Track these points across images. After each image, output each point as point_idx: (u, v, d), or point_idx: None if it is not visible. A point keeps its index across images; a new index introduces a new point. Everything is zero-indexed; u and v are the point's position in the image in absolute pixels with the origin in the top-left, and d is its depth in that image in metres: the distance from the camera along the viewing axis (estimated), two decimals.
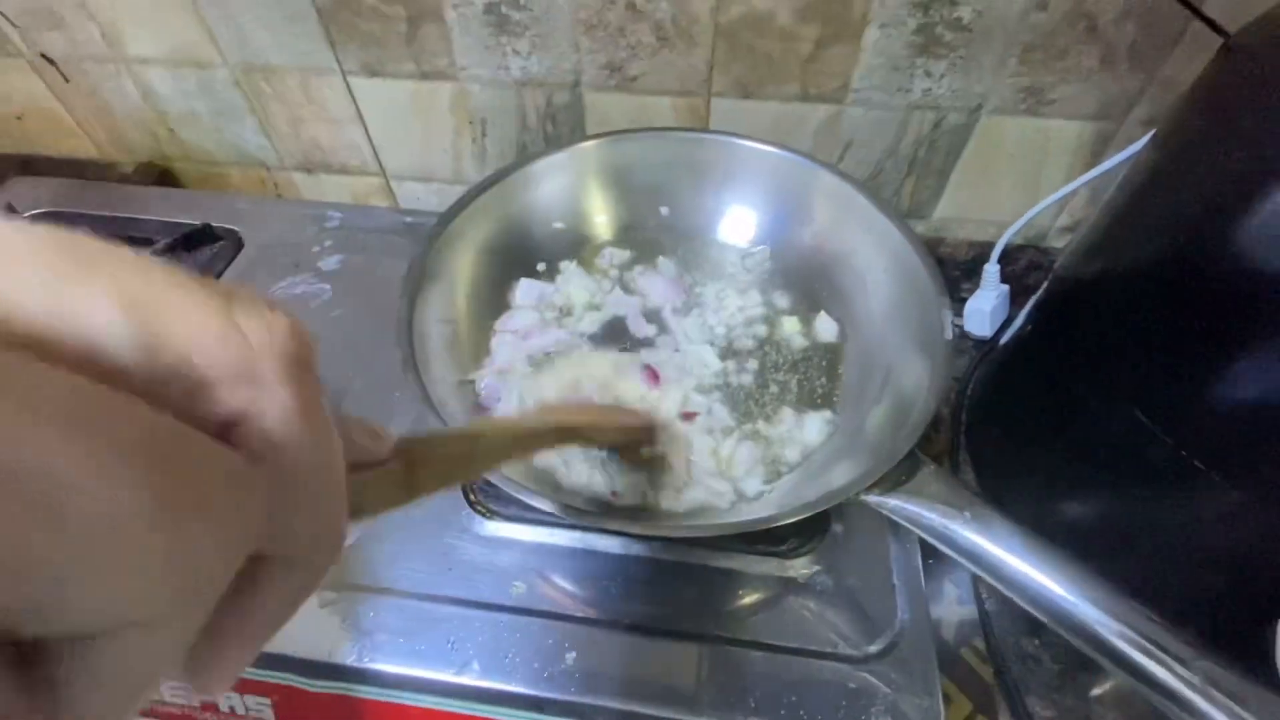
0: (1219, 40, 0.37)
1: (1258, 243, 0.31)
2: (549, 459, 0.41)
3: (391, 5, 0.54)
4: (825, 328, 0.46)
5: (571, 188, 0.50)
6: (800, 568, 0.40)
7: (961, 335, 0.62)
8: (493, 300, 0.47)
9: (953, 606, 0.47)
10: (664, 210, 0.52)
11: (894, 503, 0.31)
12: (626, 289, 0.50)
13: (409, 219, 0.62)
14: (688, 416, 0.42)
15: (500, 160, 0.65)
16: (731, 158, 0.49)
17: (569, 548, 0.41)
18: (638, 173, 0.50)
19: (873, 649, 0.37)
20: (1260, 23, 0.35)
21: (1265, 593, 0.39)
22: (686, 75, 0.55)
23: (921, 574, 0.40)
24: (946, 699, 0.42)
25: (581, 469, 0.40)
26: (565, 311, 0.48)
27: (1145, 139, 0.41)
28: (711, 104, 0.57)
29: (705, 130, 0.55)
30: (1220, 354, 0.33)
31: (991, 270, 0.59)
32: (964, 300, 0.62)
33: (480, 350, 0.44)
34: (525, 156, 0.47)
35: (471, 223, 0.44)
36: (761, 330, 0.47)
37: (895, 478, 0.31)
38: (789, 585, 0.39)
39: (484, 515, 0.42)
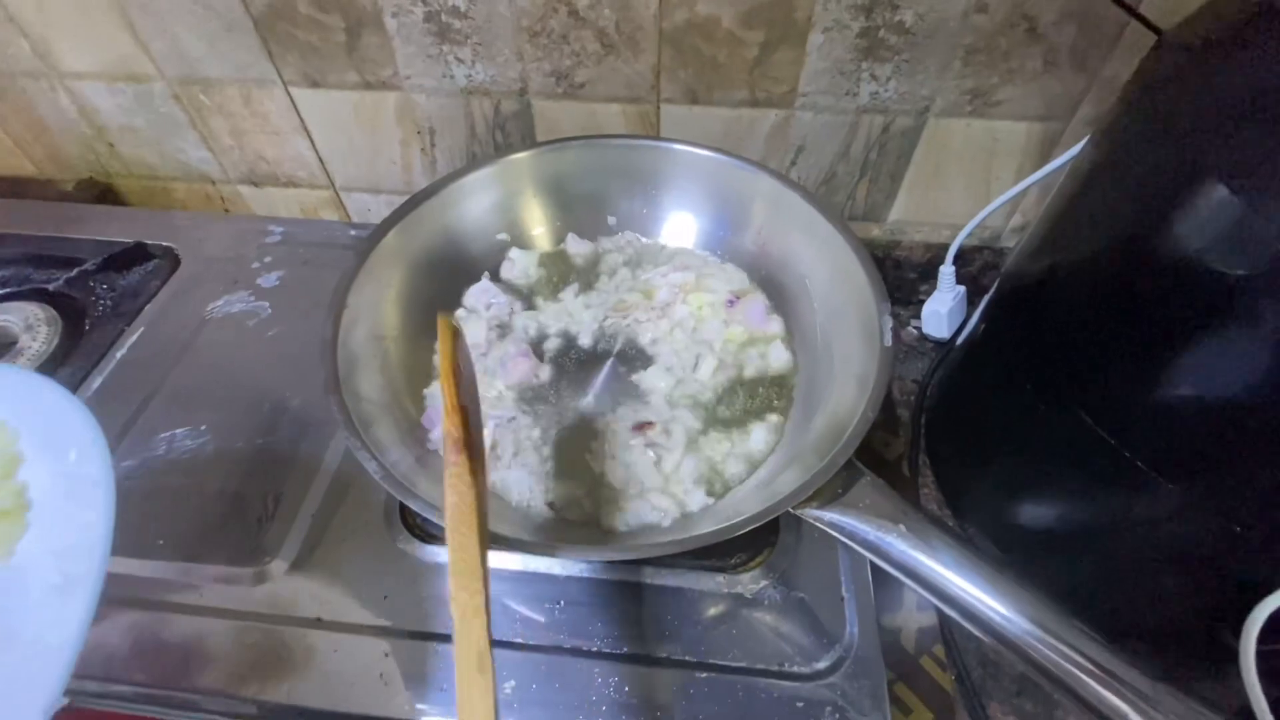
0: (1154, 39, 0.37)
1: (1190, 242, 0.31)
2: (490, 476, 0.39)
3: (329, 14, 0.53)
4: (777, 354, 0.45)
5: (511, 199, 0.49)
6: (749, 583, 0.39)
7: (920, 337, 0.62)
8: (432, 317, 0.45)
9: (912, 614, 0.46)
10: (611, 219, 0.51)
11: (830, 516, 0.30)
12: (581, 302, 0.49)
13: (354, 231, 0.60)
14: (642, 427, 0.41)
15: (450, 169, 0.63)
16: (670, 164, 0.48)
17: (511, 570, 0.39)
18: (578, 182, 0.49)
19: (821, 664, 0.36)
20: (1192, 20, 0.35)
21: (1213, 590, 0.39)
22: (634, 82, 0.54)
23: (871, 584, 0.39)
24: (907, 709, 0.42)
25: (521, 483, 0.39)
26: (507, 329, 0.46)
27: (1087, 139, 0.41)
28: (661, 110, 0.56)
29: (639, 136, 0.54)
30: (1156, 355, 0.33)
31: (947, 272, 0.59)
32: (921, 303, 0.61)
33: (415, 368, 0.43)
34: (456, 171, 0.46)
35: (406, 238, 0.43)
36: (717, 344, 0.46)
37: (832, 490, 0.31)
38: (738, 601, 0.38)
39: (422, 539, 0.40)
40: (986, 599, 0.26)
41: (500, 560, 0.40)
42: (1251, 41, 0.30)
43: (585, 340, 0.46)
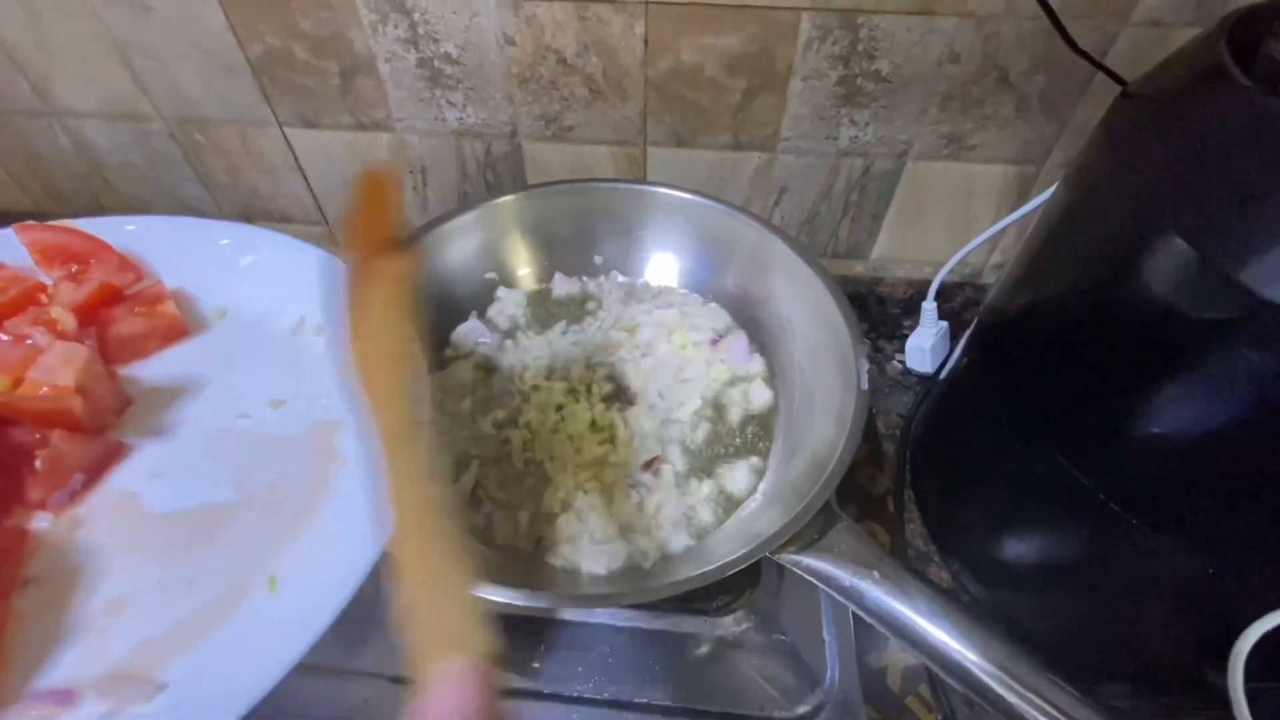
0: (1119, 89, 0.38)
1: (1151, 287, 0.32)
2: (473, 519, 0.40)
3: (324, 59, 0.54)
4: (759, 394, 0.46)
5: (498, 240, 0.50)
6: (731, 625, 0.39)
7: (904, 371, 0.63)
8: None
9: (897, 653, 0.46)
10: (598, 259, 0.52)
11: (807, 561, 0.30)
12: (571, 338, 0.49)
13: None
14: (650, 464, 0.41)
15: (442, 208, 0.65)
16: (653, 206, 0.49)
17: (490, 613, 0.39)
18: (564, 223, 0.50)
19: (803, 709, 0.36)
20: (1154, 72, 0.37)
21: (1191, 630, 0.39)
22: (621, 126, 0.56)
23: (852, 627, 0.39)
24: None
25: (506, 523, 0.39)
26: (494, 368, 0.47)
27: (1058, 183, 0.42)
28: (648, 153, 0.58)
29: (624, 180, 0.55)
30: (1124, 397, 0.34)
31: (929, 308, 0.60)
32: (905, 337, 0.62)
33: None
34: (445, 214, 0.47)
35: None
36: (701, 383, 0.47)
37: (809, 535, 0.31)
38: (720, 644, 0.38)
39: None
40: (960, 647, 0.27)
41: (484, 603, 0.39)
42: (1206, 97, 0.32)
43: (571, 378, 0.47)
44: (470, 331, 0.48)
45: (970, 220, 0.59)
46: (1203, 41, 0.34)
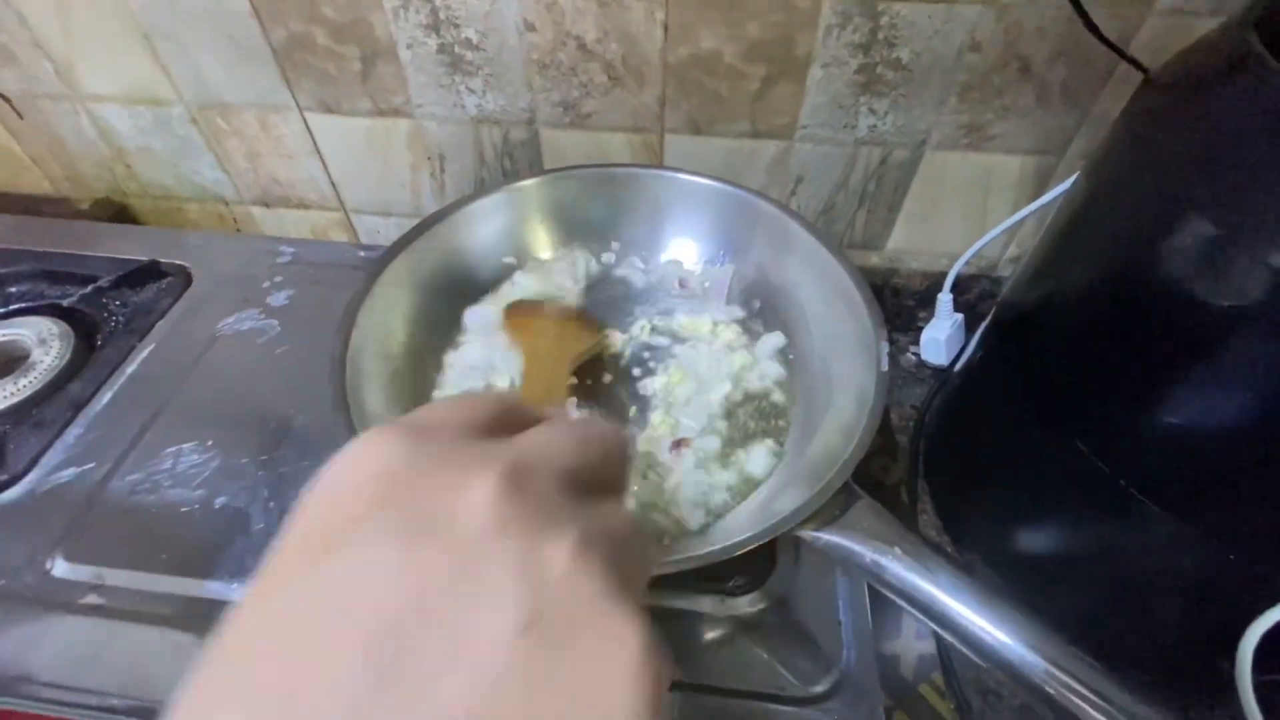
0: (1142, 77, 0.38)
1: (1176, 273, 0.32)
2: None
3: (345, 45, 0.55)
4: (777, 378, 0.46)
5: (518, 224, 0.50)
6: (745, 605, 0.39)
7: (919, 364, 0.63)
8: (437, 336, 0.46)
9: (911, 641, 0.46)
10: (615, 244, 0.53)
11: (828, 538, 0.31)
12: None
13: (363, 253, 0.61)
14: (679, 444, 0.42)
15: (458, 194, 0.65)
16: (673, 192, 0.50)
17: None
18: (583, 208, 0.51)
19: (818, 689, 0.36)
20: (1177, 60, 0.37)
21: (1210, 619, 0.39)
22: (639, 113, 0.56)
23: (868, 609, 0.39)
24: None
25: None
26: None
27: (1079, 173, 0.42)
28: (665, 140, 0.58)
29: (643, 165, 0.55)
30: (1148, 384, 0.34)
31: (945, 300, 0.60)
32: (920, 329, 0.62)
33: (419, 385, 0.44)
34: (466, 196, 0.48)
35: (415, 260, 0.44)
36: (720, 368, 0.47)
37: (830, 513, 0.31)
38: (734, 624, 0.38)
39: None
40: (980, 621, 0.27)
41: None
42: (1232, 82, 0.32)
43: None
44: (483, 314, 0.48)
45: (987, 212, 0.59)
46: (1230, 28, 0.33)
